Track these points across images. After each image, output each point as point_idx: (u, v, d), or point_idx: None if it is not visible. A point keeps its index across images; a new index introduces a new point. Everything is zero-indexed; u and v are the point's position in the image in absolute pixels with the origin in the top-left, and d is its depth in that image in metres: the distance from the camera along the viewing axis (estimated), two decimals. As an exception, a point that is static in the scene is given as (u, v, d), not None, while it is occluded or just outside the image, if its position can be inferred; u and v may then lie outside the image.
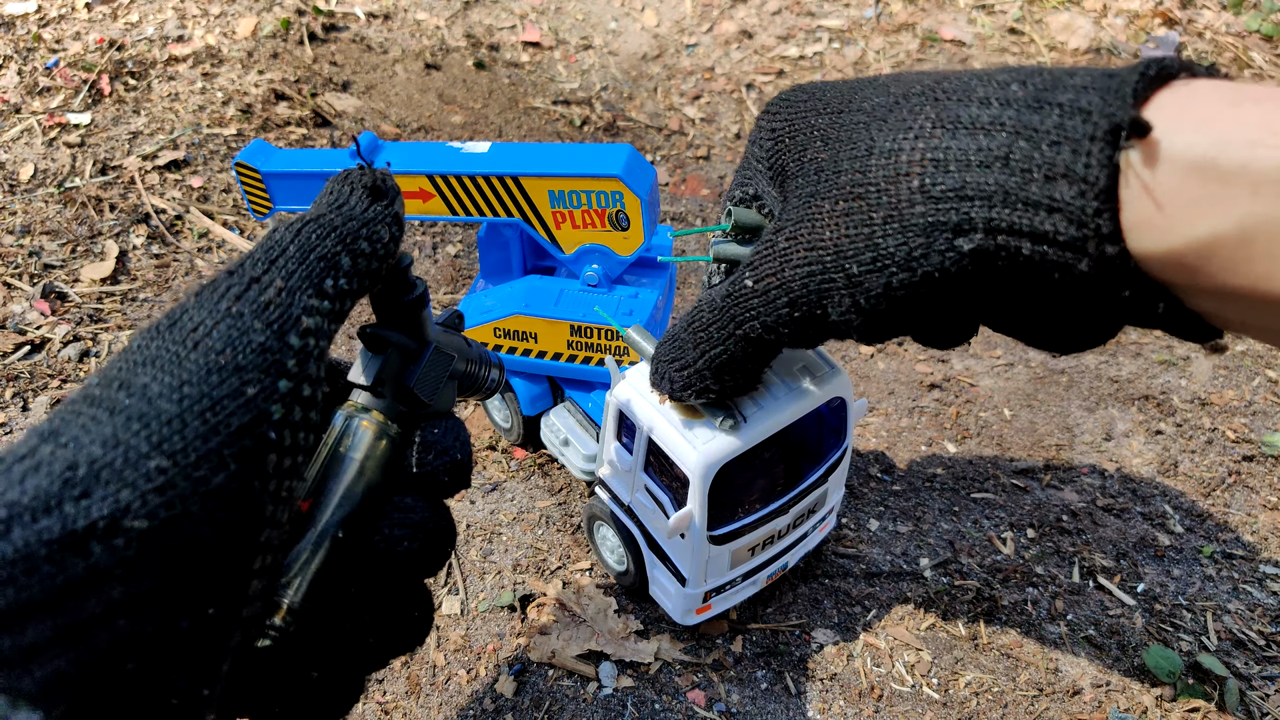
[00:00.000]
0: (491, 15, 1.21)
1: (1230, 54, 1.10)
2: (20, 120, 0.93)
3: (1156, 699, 0.55)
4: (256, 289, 0.25)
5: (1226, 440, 0.71)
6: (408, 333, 0.33)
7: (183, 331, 0.24)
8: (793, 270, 0.36)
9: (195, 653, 0.22)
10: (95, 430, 0.21)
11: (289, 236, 0.27)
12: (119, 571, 0.20)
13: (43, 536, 0.19)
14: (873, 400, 0.74)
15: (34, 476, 0.20)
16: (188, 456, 0.21)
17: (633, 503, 0.53)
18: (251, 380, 0.23)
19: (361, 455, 0.31)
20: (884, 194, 0.32)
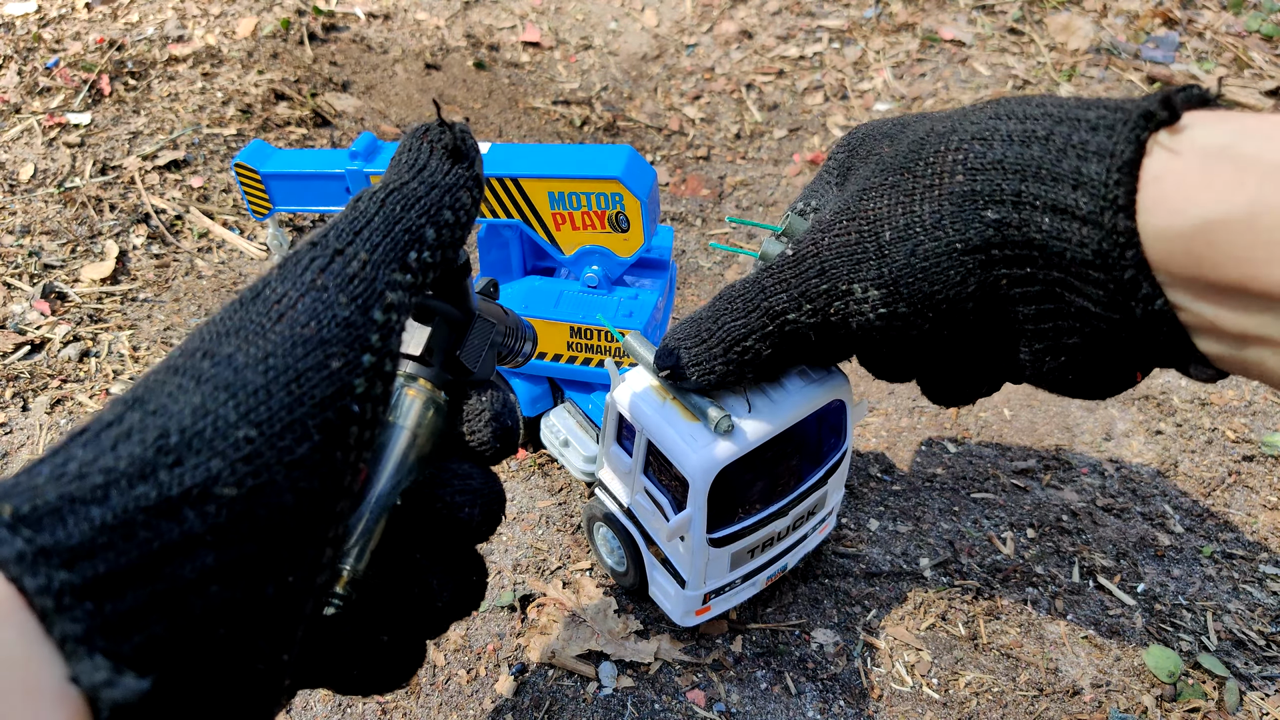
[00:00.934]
0: (491, 15, 1.21)
1: (1230, 54, 1.10)
2: (20, 120, 0.93)
3: (1156, 699, 0.55)
4: (341, 262, 0.25)
5: (1226, 440, 0.71)
6: (453, 302, 0.34)
7: (266, 304, 0.24)
8: (831, 239, 0.36)
9: (278, 618, 0.22)
10: (183, 399, 0.22)
11: (373, 208, 0.27)
12: (210, 538, 0.20)
13: (140, 503, 0.19)
14: (873, 400, 0.74)
15: (126, 443, 0.20)
16: (273, 427, 0.22)
17: (632, 504, 0.53)
18: (336, 354, 0.23)
19: (413, 424, 0.32)
20: (929, 166, 0.33)
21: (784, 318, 0.39)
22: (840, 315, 0.37)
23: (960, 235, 0.32)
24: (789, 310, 0.38)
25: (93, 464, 0.20)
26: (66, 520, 0.19)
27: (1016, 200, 0.30)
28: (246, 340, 0.23)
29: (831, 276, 0.36)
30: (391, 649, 0.29)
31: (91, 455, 0.20)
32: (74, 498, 0.19)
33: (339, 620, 0.28)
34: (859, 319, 0.37)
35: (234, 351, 0.23)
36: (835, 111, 1.07)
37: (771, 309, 0.39)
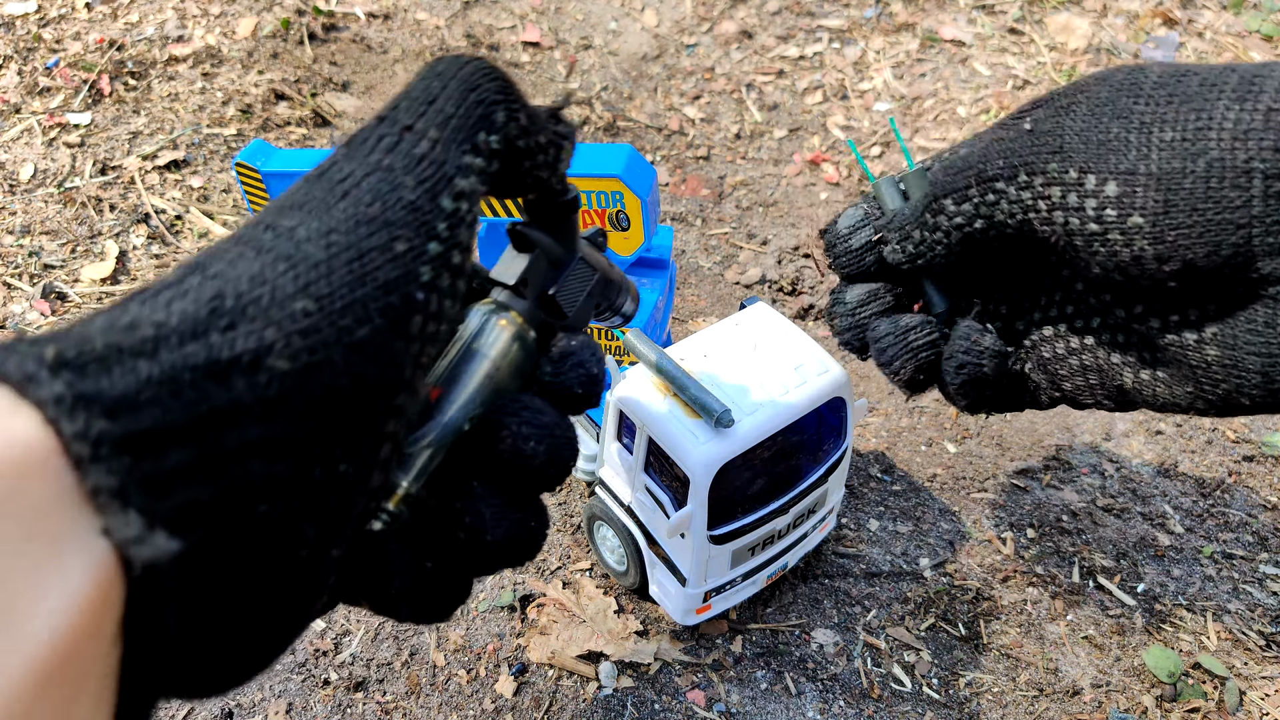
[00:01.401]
0: (491, 15, 1.21)
1: (1230, 54, 1.10)
2: (20, 120, 0.93)
3: (1156, 699, 0.55)
4: (410, 140, 0.24)
5: (1226, 440, 0.71)
6: (556, 237, 0.33)
7: (330, 181, 0.23)
8: (1081, 124, 0.33)
9: (325, 506, 0.21)
10: (242, 266, 0.21)
11: (450, 78, 0.25)
12: (258, 410, 0.19)
13: (188, 361, 0.19)
14: (873, 400, 0.74)
15: (180, 302, 0.20)
16: (333, 303, 0.21)
17: (633, 503, 0.53)
18: (401, 237, 0.23)
19: (496, 354, 0.30)
20: (1245, 85, 0.30)
21: (993, 184, 0.35)
22: (1053, 207, 0.33)
23: (1265, 154, 0.28)
24: (1001, 177, 0.34)
25: (145, 319, 0.19)
26: (112, 370, 0.18)
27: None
28: (309, 214, 0.22)
29: (1067, 158, 0.32)
30: (436, 578, 0.27)
31: (146, 312, 0.19)
32: (121, 348, 0.19)
33: (385, 536, 0.27)
34: (1075, 217, 0.32)
35: (296, 225, 0.22)
36: (835, 111, 1.07)
37: (984, 172, 0.35)
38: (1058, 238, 0.34)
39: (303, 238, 0.22)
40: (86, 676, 0.17)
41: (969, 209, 0.36)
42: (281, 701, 0.54)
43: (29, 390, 0.17)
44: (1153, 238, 0.31)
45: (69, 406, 0.17)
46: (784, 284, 0.84)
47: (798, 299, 0.83)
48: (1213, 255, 0.30)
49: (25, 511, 0.16)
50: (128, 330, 0.19)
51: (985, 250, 0.38)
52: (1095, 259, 0.33)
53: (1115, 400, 0.38)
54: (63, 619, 0.16)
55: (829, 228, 0.42)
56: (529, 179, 0.28)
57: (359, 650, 0.57)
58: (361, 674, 0.56)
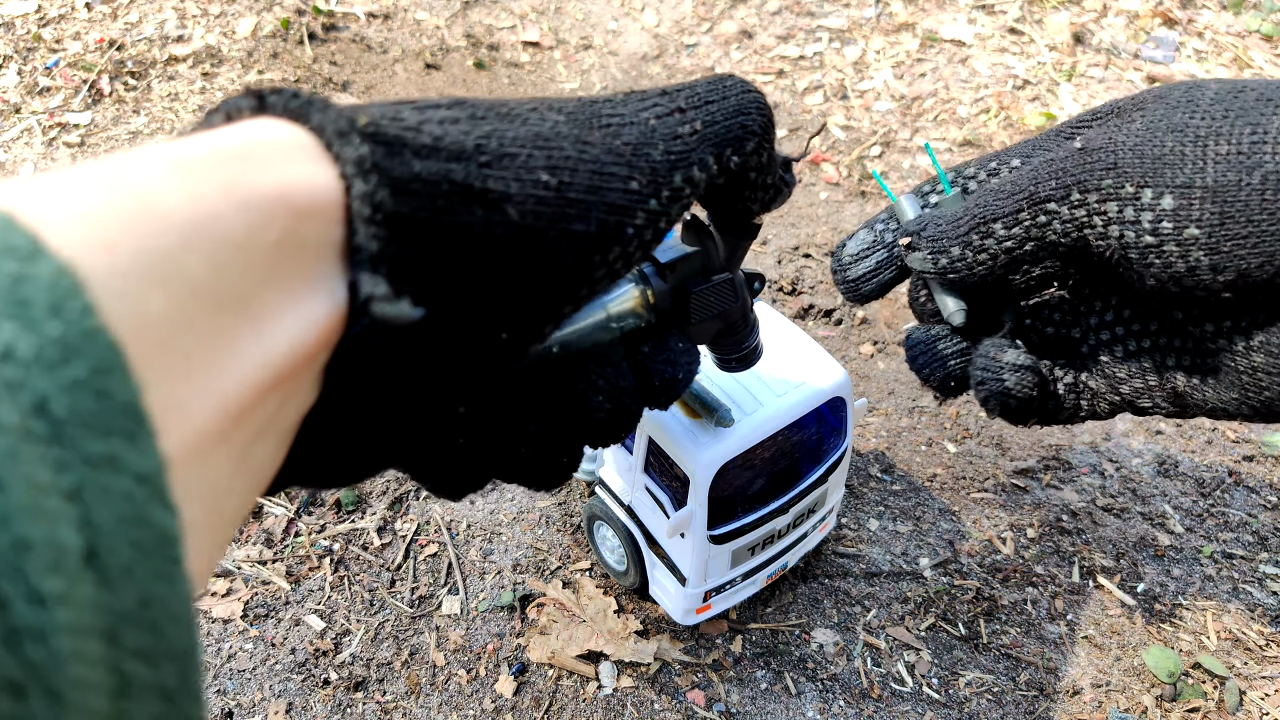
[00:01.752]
0: (491, 15, 1.21)
1: (1230, 54, 1.10)
2: (20, 120, 0.93)
3: (1156, 699, 0.55)
4: (677, 119, 0.27)
5: (1226, 440, 0.71)
6: (725, 249, 0.34)
7: (598, 110, 0.26)
8: (1136, 140, 0.33)
9: (500, 344, 0.24)
10: (506, 125, 0.24)
11: (732, 93, 0.29)
12: (481, 245, 0.22)
13: (449, 175, 0.21)
14: (873, 400, 0.74)
15: (453, 127, 0.22)
16: (567, 190, 0.24)
17: (633, 502, 0.53)
18: (636, 179, 0.25)
19: (613, 312, 0.32)
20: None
21: (1044, 206, 0.35)
22: (1108, 221, 0.33)
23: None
24: (1054, 198, 0.34)
25: (427, 129, 0.22)
26: (400, 154, 0.21)
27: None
28: (570, 120, 0.25)
29: (1123, 174, 0.32)
30: (458, 457, 0.29)
31: (427, 123, 0.22)
32: (405, 141, 0.21)
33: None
34: (1131, 230, 0.33)
35: (559, 120, 0.25)
36: (835, 111, 1.07)
37: (1035, 194, 0.35)
38: (1112, 252, 0.34)
39: (562, 132, 0.24)
40: (292, 399, 0.20)
41: (1019, 232, 0.36)
42: (281, 701, 0.54)
43: (336, 145, 0.20)
44: (1209, 249, 0.31)
45: (365, 170, 0.20)
46: (784, 284, 0.84)
47: (798, 299, 0.83)
48: (1267, 265, 0.30)
49: (299, 245, 0.19)
50: (411, 130, 0.21)
51: (1030, 267, 0.38)
52: (1150, 270, 0.33)
53: (1172, 404, 0.38)
54: (297, 336, 0.19)
55: (836, 251, 0.43)
56: (740, 204, 0.31)
57: (359, 650, 0.57)
58: (361, 674, 0.56)
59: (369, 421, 0.23)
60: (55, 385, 0.13)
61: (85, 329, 0.13)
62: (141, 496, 0.14)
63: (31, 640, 0.12)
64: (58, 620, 0.12)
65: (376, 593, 0.60)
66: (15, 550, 0.12)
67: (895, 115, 1.05)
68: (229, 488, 0.18)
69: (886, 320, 0.82)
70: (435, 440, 0.27)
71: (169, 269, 0.15)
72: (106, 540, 0.13)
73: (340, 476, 0.25)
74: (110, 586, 0.13)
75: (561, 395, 0.31)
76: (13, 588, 0.12)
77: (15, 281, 0.13)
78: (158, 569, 0.14)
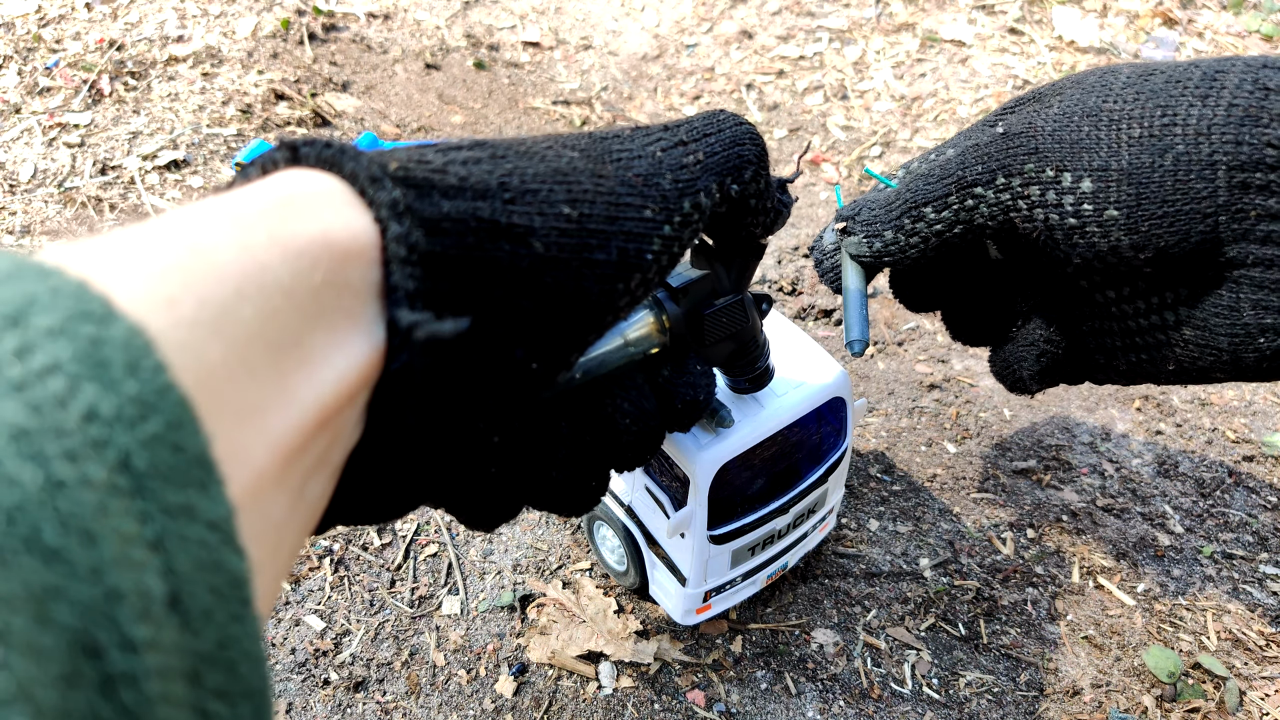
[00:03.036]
0: (491, 15, 1.21)
1: (1230, 54, 1.10)
2: (20, 120, 0.93)
3: (1156, 699, 0.55)
4: (680, 151, 0.29)
5: (1226, 440, 0.71)
6: (732, 270, 0.35)
7: (607, 146, 0.27)
8: (1055, 125, 0.34)
9: (523, 372, 0.25)
10: (525, 163, 0.25)
11: (725, 126, 0.31)
12: (509, 277, 0.23)
13: (476, 213, 0.22)
14: (873, 400, 0.74)
15: (476, 168, 0.24)
16: (585, 225, 0.25)
17: (633, 502, 0.53)
18: (650, 208, 0.27)
19: (630, 338, 0.33)
20: (1207, 81, 0.32)
21: (971, 190, 0.36)
22: (1032, 205, 0.35)
23: (1227, 147, 0.30)
24: (980, 183, 0.36)
25: (452, 170, 0.23)
26: (429, 196, 0.22)
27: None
28: (585, 155, 0.26)
29: (1043, 158, 0.34)
30: (488, 487, 0.30)
31: (451, 164, 0.23)
32: (433, 184, 0.22)
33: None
34: (1053, 212, 0.34)
35: (574, 156, 0.26)
36: (835, 111, 1.07)
37: (963, 178, 0.36)
38: (1039, 233, 0.35)
39: (579, 168, 0.26)
40: (338, 440, 0.21)
41: (949, 215, 0.37)
42: (281, 701, 0.54)
43: (370, 190, 0.21)
44: (1129, 229, 0.32)
45: (399, 213, 0.21)
46: (784, 284, 0.84)
47: (798, 299, 0.83)
48: (1183, 243, 0.32)
49: (342, 287, 0.20)
50: (438, 172, 0.23)
51: (960, 251, 0.39)
52: (1075, 250, 0.35)
53: (1125, 379, 0.40)
54: (343, 374, 0.20)
55: (814, 244, 0.44)
56: (742, 228, 0.33)
57: (359, 650, 0.57)
58: (361, 674, 0.56)
59: (410, 455, 0.23)
60: (135, 441, 0.14)
61: (159, 386, 0.14)
62: (215, 542, 0.14)
63: (125, 685, 0.12)
64: (147, 665, 0.13)
65: (376, 593, 0.60)
66: (108, 600, 0.12)
67: (895, 115, 1.05)
68: (287, 527, 0.19)
69: (886, 320, 0.82)
70: (471, 471, 0.28)
71: (225, 319, 0.16)
72: (187, 586, 0.14)
73: (381, 512, 0.25)
74: (192, 630, 0.14)
75: (589, 420, 0.32)
76: (107, 636, 0.12)
77: (93, 344, 0.14)
78: (233, 611, 0.15)
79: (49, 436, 0.13)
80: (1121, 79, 0.34)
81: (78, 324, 0.14)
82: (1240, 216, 0.30)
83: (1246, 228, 0.30)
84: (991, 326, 0.44)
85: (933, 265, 0.41)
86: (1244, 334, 0.32)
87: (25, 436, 0.12)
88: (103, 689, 0.12)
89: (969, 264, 0.42)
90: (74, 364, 0.13)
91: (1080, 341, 0.40)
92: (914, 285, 0.44)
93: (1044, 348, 0.40)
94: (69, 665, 0.12)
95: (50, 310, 0.14)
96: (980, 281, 0.43)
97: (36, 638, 0.12)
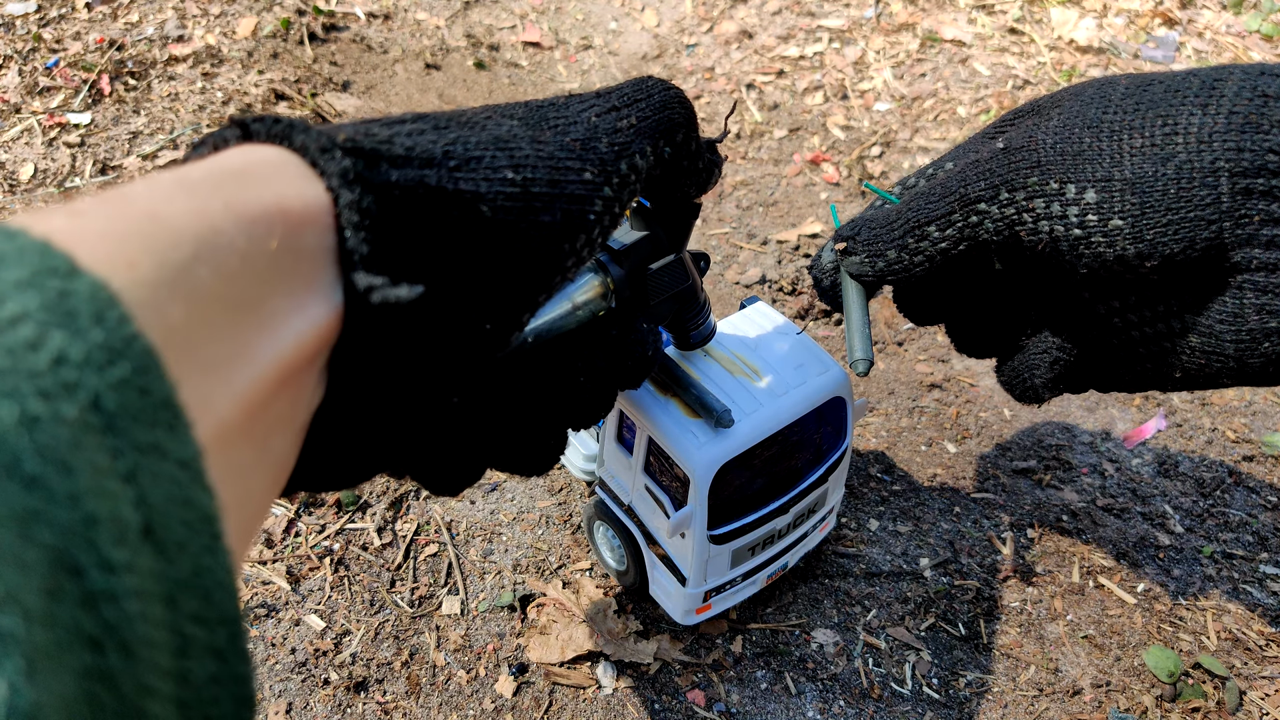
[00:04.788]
0: (491, 15, 1.21)
1: (1230, 54, 1.10)
2: (20, 120, 0.93)
3: (1156, 699, 0.55)
4: (614, 116, 0.30)
5: (1226, 440, 0.71)
6: (670, 231, 0.37)
7: (544, 113, 0.28)
8: (1055, 137, 0.35)
9: (481, 334, 0.26)
10: (468, 132, 0.26)
11: (653, 92, 0.32)
12: (458, 242, 0.24)
13: (424, 180, 0.23)
14: (873, 400, 0.74)
15: (421, 138, 0.24)
16: (529, 189, 0.26)
17: (633, 502, 0.53)
18: (589, 170, 0.28)
19: (577, 301, 0.35)
20: (1206, 89, 0.32)
21: (975, 206, 0.36)
22: (1037, 218, 0.34)
23: (1229, 154, 0.30)
24: (983, 199, 0.36)
25: (397, 141, 0.24)
26: (378, 165, 0.23)
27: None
28: (524, 123, 0.27)
29: (1046, 171, 0.34)
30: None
31: (397, 136, 0.24)
32: (380, 153, 0.23)
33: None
34: (1058, 224, 0.34)
35: (514, 124, 0.27)
36: (835, 111, 1.07)
37: (965, 195, 0.36)
38: (1044, 245, 0.35)
39: (518, 135, 0.26)
40: (300, 399, 0.21)
41: (953, 233, 0.38)
42: (282, 701, 0.54)
43: (321, 161, 0.22)
44: (1134, 238, 0.33)
45: (349, 181, 0.22)
46: (784, 284, 0.84)
47: (798, 299, 0.83)
48: (1189, 249, 0.32)
49: (298, 252, 0.20)
50: (384, 144, 0.23)
51: (963, 266, 0.39)
52: (1081, 261, 0.35)
53: (1129, 388, 0.41)
54: (302, 335, 0.20)
55: (813, 262, 0.45)
56: (677, 188, 0.34)
57: (359, 650, 0.57)
58: (361, 674, 0.56)
59: (370, 417, 0.24)
60: (105, 383, 0.14)
61: (125, 335, 0.15)
62: (185, 479, 0.15)
63: (105, 601, 0.13)
64: (126, 585, 0.14)
65: (376, 593, 0.60)
66: (85, 525, 0.13)
67: (895, 115, 1.05)
68: (253, 476, 0.20)
69: (886, 320, 0.82)
70: (432, 433, 0.28)
71: (184, 280, 0.17)
72: (160, 517, 0.15)
73: (344, 477, 0.26)
74: (167, 557, 0.15)
75: (544, 380, 0.33)
76: (86, 557, 0.13)
77: (60, 296, 0.14)
78: (204, 544, 0.16)
79: (22, 376, 0.13)
80: (1120, 90, 0.34)
81: (44, 278, 0.14)
82: (1244, 222, 0.31)
83: (1250, 233, 0.31)
84: (997, 338, 0.43)
85: (936, 280, 0.41)
86: (1249, 338, 0.32)
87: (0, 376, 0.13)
88: (84, 603, 0.13)
89: (972, 278, 0.42)
90: (42, 312, 0.14)
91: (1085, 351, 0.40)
92: (918, 300, 0.44)
93: (1057, 355, 0.40)
94: (52, 580, 0.13)
95: (17, 265, 0.14)
96: (984, 294, 0.43)
97: (20, 552, 0.12)
